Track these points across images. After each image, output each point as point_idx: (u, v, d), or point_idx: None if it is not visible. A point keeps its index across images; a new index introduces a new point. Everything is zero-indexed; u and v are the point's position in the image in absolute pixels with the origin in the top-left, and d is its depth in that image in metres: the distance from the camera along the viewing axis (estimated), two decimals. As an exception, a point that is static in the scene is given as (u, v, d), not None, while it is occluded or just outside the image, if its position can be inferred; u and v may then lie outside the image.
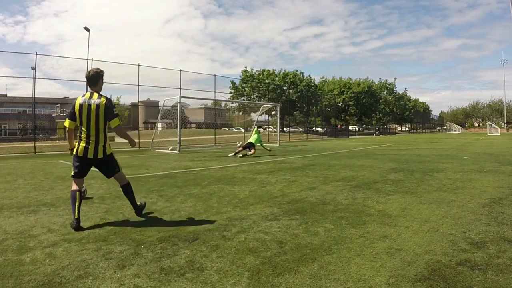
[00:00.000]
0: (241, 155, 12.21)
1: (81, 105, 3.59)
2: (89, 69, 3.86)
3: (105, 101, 3.62)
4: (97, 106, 3.58)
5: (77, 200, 3.59)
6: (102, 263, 2.61)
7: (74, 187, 3.70)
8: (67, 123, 3.66)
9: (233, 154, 12.50)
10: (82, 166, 3.73)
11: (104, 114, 3.60)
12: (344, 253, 2.81)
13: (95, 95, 3.64)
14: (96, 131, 3.62)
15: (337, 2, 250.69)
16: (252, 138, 12.84)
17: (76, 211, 3.54)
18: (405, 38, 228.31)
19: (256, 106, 28.35)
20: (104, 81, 3.82)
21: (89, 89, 3.76)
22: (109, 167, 3.89)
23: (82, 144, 3.63)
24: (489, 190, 5.51)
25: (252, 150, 12.26)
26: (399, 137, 39.66)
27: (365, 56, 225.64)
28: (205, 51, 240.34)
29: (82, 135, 3.64)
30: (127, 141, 3.98)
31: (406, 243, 3.03)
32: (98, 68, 3.78)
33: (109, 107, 3.63)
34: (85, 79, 3.74)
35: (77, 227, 3.48)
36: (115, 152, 4.03)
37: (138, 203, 4.09)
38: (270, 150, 14.33)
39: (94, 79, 3.70)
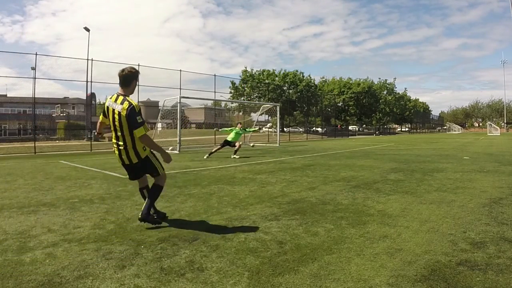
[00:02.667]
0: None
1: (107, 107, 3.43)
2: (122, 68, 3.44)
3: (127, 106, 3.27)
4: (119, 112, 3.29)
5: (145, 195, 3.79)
6: (102, 263, 2.61)
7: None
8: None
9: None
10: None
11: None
12: (344, 253, 2.81)
13: (120, 98, 3.33)
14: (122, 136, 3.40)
15: (337, 1, 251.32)
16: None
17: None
18: (405, 37, 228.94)
19: (256, 106, 28.36)
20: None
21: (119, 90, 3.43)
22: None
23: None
24: (489, 190, 5.51)
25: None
26: (399, 137, 39.65)
27: (365, 56, 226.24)
28: (204, 50, 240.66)
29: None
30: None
31: (406, 243, 3.03)
32: (133, 68, 3.43)
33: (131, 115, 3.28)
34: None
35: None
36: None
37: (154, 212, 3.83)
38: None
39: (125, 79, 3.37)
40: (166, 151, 3.52)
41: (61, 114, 45.70)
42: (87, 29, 28.52)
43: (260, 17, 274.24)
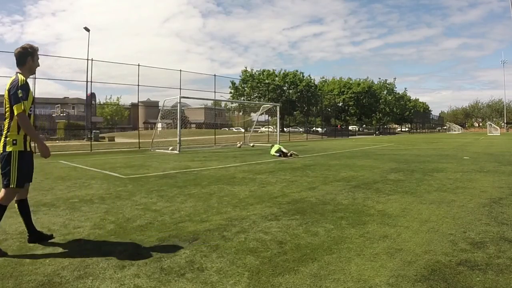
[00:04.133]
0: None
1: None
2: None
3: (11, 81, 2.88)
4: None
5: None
6: (102, 263, 2.61)
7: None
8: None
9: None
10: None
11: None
12: (344, 253, 2.81)
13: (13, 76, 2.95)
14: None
15: (337, 1, 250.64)
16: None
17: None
18: (405, 37, 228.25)
19: (256, 106, 28.36)
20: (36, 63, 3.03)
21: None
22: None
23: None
24: (489, 190, 5.51)
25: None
26: (399, 137, 39.65)
27: (365, 56, 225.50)
28: (204, 50, 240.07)
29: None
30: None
31: (406, 243, 3.03)
32: (28, 44, 3.05)
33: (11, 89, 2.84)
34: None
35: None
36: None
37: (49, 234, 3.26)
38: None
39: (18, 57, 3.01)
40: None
41: (61, 114, 45.66)
42: (87, 29, 28.53)
43: (260, 17, 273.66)
